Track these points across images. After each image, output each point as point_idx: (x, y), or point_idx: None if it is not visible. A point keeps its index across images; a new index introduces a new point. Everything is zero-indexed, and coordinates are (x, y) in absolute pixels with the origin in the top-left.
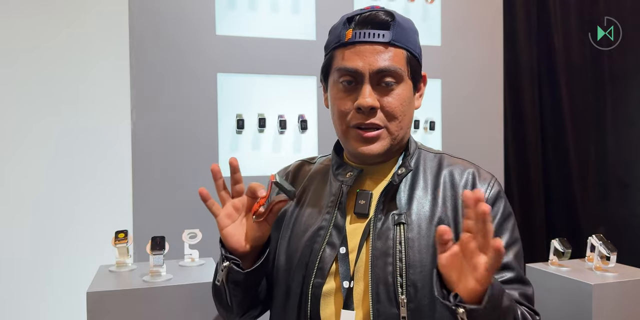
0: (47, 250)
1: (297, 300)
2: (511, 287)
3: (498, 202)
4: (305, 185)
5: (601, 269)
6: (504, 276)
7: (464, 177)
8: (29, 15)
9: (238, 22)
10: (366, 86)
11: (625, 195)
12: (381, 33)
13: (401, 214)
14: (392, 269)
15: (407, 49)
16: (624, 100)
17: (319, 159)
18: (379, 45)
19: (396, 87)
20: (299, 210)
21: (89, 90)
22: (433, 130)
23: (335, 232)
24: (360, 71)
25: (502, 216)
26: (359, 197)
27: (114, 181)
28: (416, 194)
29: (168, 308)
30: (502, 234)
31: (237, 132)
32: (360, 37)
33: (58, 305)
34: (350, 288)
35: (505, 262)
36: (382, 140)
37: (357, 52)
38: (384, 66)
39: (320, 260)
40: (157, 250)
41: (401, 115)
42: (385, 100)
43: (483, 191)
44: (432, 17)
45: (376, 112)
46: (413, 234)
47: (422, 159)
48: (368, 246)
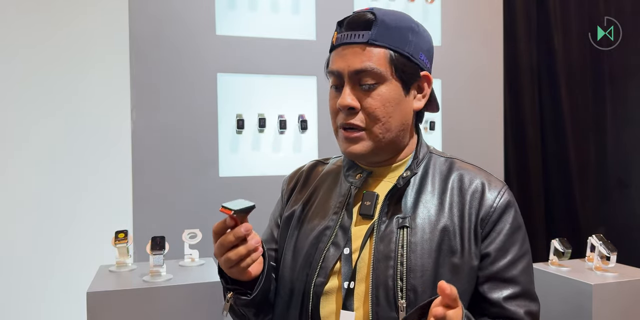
0: (47, 250)
1: (300, 298)
2: (516, 304)
3: (508, 212)
4: (316, 185)
5: (601, 269)
6: (509, 291)
7: (473, 184)
8: (29, 14)
9: (238, 22)
10: (346, 87)
11: (625, 195)
12: (360, 33)
13: (405, 217)
14: (392, 272)
15: (389, 48)
16: (624, 100)
17: (333, 160)
18: (358, 45)
19: (377, 87)
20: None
21: (89, 90)
22: (433, 130)
23: (340, 232)
24: (341, 73)
25: (512, 227)
26: (364, 198)
27: (114, 181)
28: (423, 198)
29: (168, 308)
30: (511, 246)
31: (237, 132)
32: (343, 39)
33: (58, 305)
34: (351, 288)
35: (511, 276)
36: (364, 141)
37: (340, 54)
38: (361, 67)
39: (324, 259)
40: (157, 250)
41: (384, 116)
42: (366, 101)
43: (491, 200)
44: (432, 17)
45: (357, 112)
46: (416, 238)
47: (432, 163)
48: (371, 248)
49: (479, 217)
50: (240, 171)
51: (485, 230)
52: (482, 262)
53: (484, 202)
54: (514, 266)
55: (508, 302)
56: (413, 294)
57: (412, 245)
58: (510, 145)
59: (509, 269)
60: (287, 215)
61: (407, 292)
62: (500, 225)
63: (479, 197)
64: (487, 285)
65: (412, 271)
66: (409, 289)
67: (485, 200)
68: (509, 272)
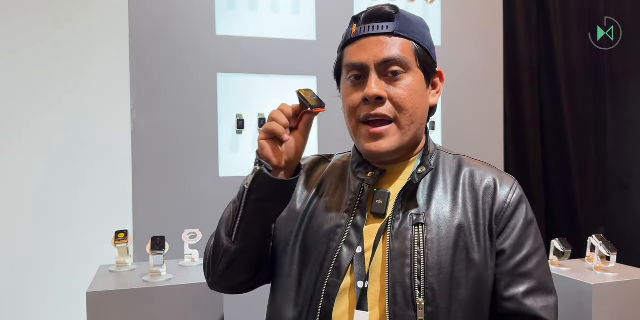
0: (47, 250)
1: (309, 297)
2: (533, 299)
3: (520, 207)
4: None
5: (601, 269)
6: (525, 286)
7: (485, 180)
8: (29, 14)
9: (238, 22)
10: (372, 76)
11: (625, 195)
12: (384, 25)
13: (420, 214)
14: (410, 270)
15: (413, 39)
16: (624, 100)
17: (336, 156)
18: (383, 36)
19: (404, 77)
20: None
21: (89, 90)
22: (433, 130)
23: (353, 231)
24: (366, 64)
25: (525, 222)
26: (376, 196)
27: (114, 181)
28: (435, 194)
29: (168, 308)
30: (526, 240)
31: (237, 132)
32: (364, 31)
33: (58, 305)
34: (364, 288)
35: (526, 271)
36: (391, 135)
37: (361, 46)
38: (389, 56)
39: (337, 259)
40: (157, 250)
41: (412, 107)
42: (393, 90)
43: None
44: (432, 17)
45: (384, 102)
46: (432, 235)
47: (442, 160)
48: (385, 246)
49: (493, 214)
50: (240, 171)
51: (500, 226)
52: (498, 259)
53: (497, 198)
54: (529, 260)
55: (525, 297)
56: (431, 292)
57: (429, 243)
58: (510, 145)
59: (525, 263)
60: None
61: (425, 290)
62: (514, 220)
63: (491, 193)
64: (503, 283)
65: (429, 269)
66: (427, 288)
67: (499, 196)
68: (525, 266)
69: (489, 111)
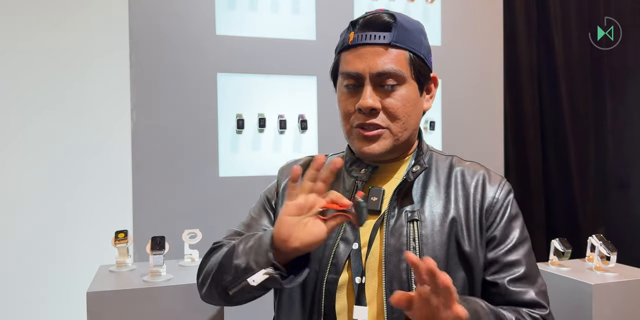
0: (47, 250)
1: (311, 296)
2: (520, 286)
3: (508, 202)
4: None
5: (601, 269)
6: (515, 273)
7: (474, 178)
8: (28, 14)
9: (238, 22)
10: (367, 88)
11: (625, 195)
12: (382, 35)
13: (414, 211)
14: (406, 265)
15: (409, 49)
16: (624, 100)
17: (331, 157)
18: (379, 46)
19: (398, 88)
20: None
21: (89, 90)
22: (433, 130)
23: (349, 227)
24: (361, 74)
25: (510, 215)
26: (371, 193)
27: (114, 181)
28: (429, 191)
29: (168, 308)
30: (511, 231)
31: (237, 132)
32: (362, 40)
33: (58, 305)
34: (362, 284)
35: (515, 259)
36: (384, 139)
37: (358, 54)
38: (384, 69)
39: (334, 255)
40: (157, 250)
41: (404, 116)
42: (387, 101)
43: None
44: (432, 17)
45: (378, 113)
46: (427, 231)
47: (435, 160)
48: (381, 242)
49: (483, 209)
50: (240, 171)
51: (489, 220)
52: (486, 248)
53: (487, 194)
54: (515, 249)
55: (512, 284)
56: None
57: (424, 238)
58: (510, 145)
59: (511, 252)
60: None
61: None
62: (501, 213)
63: (481, 190)
64: (491, 270)
65: None
66: None
67: (488, 192)
68: (512, 255)
69: (488, 111)
